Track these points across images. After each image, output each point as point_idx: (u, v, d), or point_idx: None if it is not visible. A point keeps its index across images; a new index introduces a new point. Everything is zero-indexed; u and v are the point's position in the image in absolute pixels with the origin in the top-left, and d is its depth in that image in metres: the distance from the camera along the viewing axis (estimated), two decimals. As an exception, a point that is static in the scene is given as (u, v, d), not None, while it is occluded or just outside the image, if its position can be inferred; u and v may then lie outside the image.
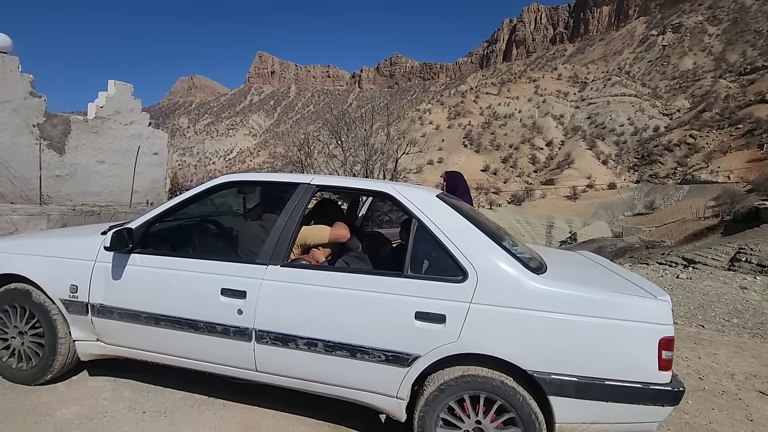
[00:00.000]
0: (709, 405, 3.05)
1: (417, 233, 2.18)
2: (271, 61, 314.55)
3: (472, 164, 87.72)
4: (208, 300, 2.27)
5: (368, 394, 2.17)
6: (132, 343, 2.48)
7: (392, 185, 2.43)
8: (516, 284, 2.00)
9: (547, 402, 1.93)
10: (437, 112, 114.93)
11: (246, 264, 2.32)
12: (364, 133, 12.77)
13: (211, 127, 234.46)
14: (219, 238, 3.06)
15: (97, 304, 2.44)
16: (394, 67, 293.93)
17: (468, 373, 2.00)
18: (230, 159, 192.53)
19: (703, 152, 71.46)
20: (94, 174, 6.51)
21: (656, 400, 1.87)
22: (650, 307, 1.91)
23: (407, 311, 2.05)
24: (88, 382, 2.69)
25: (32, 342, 2.58)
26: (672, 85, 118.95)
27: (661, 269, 10.50)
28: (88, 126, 6.42)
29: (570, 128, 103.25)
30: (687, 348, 4.22)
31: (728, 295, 6.78)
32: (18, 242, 2.88)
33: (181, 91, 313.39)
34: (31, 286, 2.55)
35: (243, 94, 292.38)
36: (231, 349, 2.27)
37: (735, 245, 19.54)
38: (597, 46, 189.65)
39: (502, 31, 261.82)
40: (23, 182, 5.69)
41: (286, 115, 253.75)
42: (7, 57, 5.50)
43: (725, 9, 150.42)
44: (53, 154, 6.01)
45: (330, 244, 2.76)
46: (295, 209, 2.39)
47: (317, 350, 2.14)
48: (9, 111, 5.53)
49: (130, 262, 2.42)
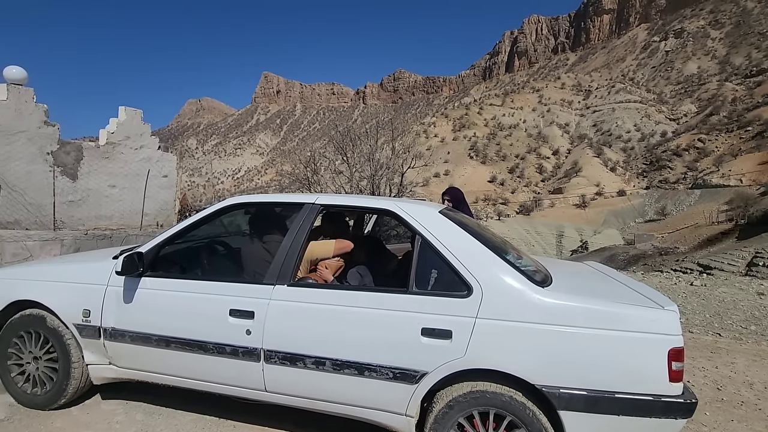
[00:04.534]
0: (727, 416, 2.97)
1: (421, 249, 2.20)
2: (277, 81, 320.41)
3: (478, 175, 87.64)
4: (217, 321, 2.30)
5: (377, 412, 2.16)
6: (143, 365, 2.52)
7: (396, 202, 2.46)
8: (521, 298, 2.00)
9: (557, 417, 1.91)
10: (442, 125, 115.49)
11: (253, 284, 2.35)
12: (369, 148, 12.86)
13: (219, 147, 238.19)
14: (227, 259, 3.10)
15: (109, 328, 2.48)
16: (397, 82, 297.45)
17: (476, 388, 1.99)
18: (238, 178, 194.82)
19: (713, 156, 70.55)
20: (106, 198, 6.66)
21: (668, 412, 1.84)
22: (658, 318, 1.89)
23: (413, 328, 2.06)
24: (101, 406, 2.72)
25: (47, 367, 2.62)
26: (677, 89, 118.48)
27: (675, 276, 10.33)
28: (100, 152, 6.59)
29: (576, 136, 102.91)
30: (703, 357, 4.13)
31: (745, 302, 6.63)
32: (31, 269, 2.96)
33: (189, 113, 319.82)
34: (46, 312, 2.60)
35: (250, 113, 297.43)
36: (240, 370, 2.29)
37: (751, 249, 19.16)
38: (599, 54, 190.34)
39: (504, 43, 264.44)
40: (38, 209, 5.84)
41: (293, 133, 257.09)
42: (22, 89, 5.71)
43: (727, 13, 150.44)
44: (66, 180, 6.17)
45: (339, 257, 2.79)
46: (301, 228, 2.43)
47: (325, 369, 2.15)
48: (24, 140, 5.71)
49: (140, 286, 2.47)
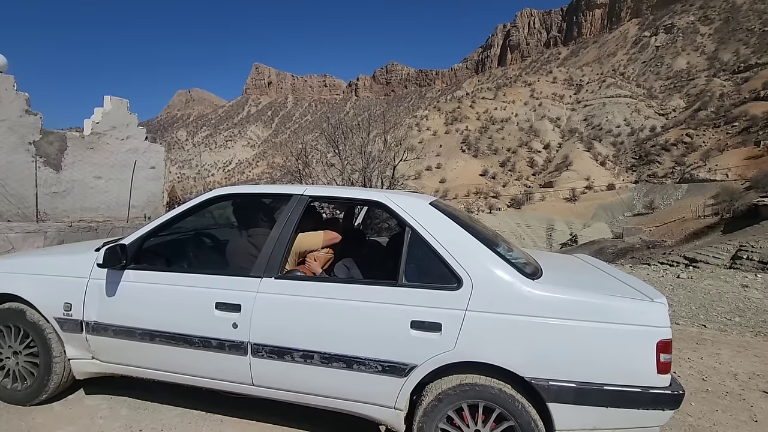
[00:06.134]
0: (712, 406, 3.02)
1: (411, 241, 2.17)
2: (268, 72, 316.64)
3: (470, 169, 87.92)
4: (203, 314, 2.25)
5: (366, 405, 2.14)
6: (127, 360, 2.46)
7: (385, 194, 2.43)
8: (511, 290, 1.99)
9: (546, 409, 1.91)
10: (434, 118, 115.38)
11: (240, 277, 2.30)
12: (361, 141, 12.76)
13: (209, 139, 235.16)
14: (213, 251, 3.04)
15: (91, 322, 2.42)
16: (390, 75, 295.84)
17: (466, 381, 1.98)
18: (229, 170, 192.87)
19: (701, 151, 71.61)
20: (91, 190, 6.52)
21: (656, 404, 1.85)
22: (646, 310, 1.90)
23: (403, 320, 2.03)
24: (84, 401, 2.66)
25: (27, 362, 2.56)
26: (666, 85, 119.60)
27: (662, 269, 10.48)
28: (85, 142, 6.44)
29: (567, 130, 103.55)
30: (689, 349, 4.19)
31: (730, 294, 6.75)
32: (11, 261, 2.87)
33: (179, 105, 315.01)
34: (25, 305, 2.53)
35: (240, 105, 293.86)
36: (227, 364, 2.25)
37: (736, 243, 19.55)
38: (591, 49, 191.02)
39: (496, 37, 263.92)
40: (20, 200, 5.69)
41: (284, 126, 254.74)
42: (2, 76, 5.54)
43: (716, 9, 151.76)
44: (50, 171, 6.02)
45: (329, 249, 2.75)
46: (289, 220, 2.39)
47: (313, 362, 2.12)
48: (5, 129, 5.55)
49: (124, 279, 2.40)
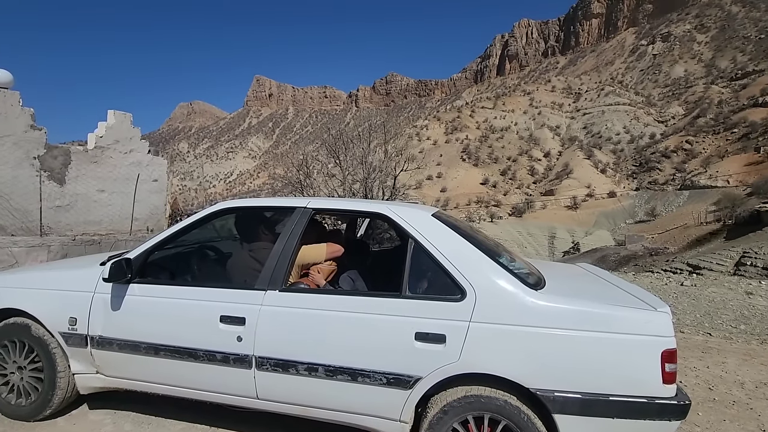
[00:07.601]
0: (720, 416, 2.99)
1: (414, 253, 2.18)
2: (269, 84, 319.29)
3: (471, 178, 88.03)
4: (207, 328, 2.26)
5: (371, 418, 2.14)
6: (132, 374, 2.46)
7: (388, 205, 2.44)
8: (514, 301, 1.99)
9: (552, 420, 1.90)
10: (434, 128, 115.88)
11: (244, 290, 2.31)
12: (362, 151, 12.84)
13: (210, 151, 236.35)
14: (217, 264, 3.04)
15: (96, 336, 2.42)
16: (389, 85, 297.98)
17: (471, 393, 1.98)
18: (230, 182, 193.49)
19: (701, 157, 71.66)
20: (95, 203, 6.55)
21: (662, 414, 1.84)
22: (650, 320, 1.89)
23: (407, 332, 2.04)
24: (88, 416, 2.65)
25: (31, 377, 2.56)
26: (665, 92, 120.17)
27: (665, 277, 10.44)
28: (88, 156, 6.49)
29: (567, 138, 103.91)
30: (695, 357, 4.16)
31: (734, 301, 6.72)
32: (15, 276, 2.88)
33: (180, 117, 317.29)
34: (30, 320, 2.54)
35: (242, 117, 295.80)
36: (231, 377, 2.25)
37: (739, 249, 19.46)
38: (588, 58, 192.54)
39: (495, 47, 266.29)
40: (24, 214, 5.72)
41: (285, 137, 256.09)
42: (8, 92, 5.61)
43: (712, 17, 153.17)
44: (54, 185, 6.06)
45: (332, 261, 2.76)
46: (293, 233, 2.40)
47: (318, 375, 2.12)
48: (10, 144, 5.60)
49: (129, 293, 2.41)
